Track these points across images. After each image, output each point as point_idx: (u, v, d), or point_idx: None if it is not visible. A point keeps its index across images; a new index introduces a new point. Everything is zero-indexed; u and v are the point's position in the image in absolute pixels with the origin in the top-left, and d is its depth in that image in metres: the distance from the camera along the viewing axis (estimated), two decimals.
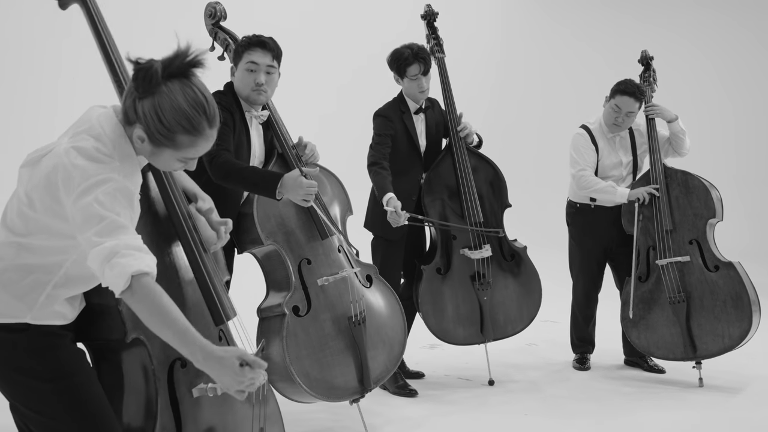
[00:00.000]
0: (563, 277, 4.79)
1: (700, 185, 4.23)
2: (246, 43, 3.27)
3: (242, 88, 3.27)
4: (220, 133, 3.03)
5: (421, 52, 3.97)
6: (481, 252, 4.08)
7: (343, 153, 5.90)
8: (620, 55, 9.16)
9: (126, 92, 1.90)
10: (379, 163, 3.92)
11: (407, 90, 4.04)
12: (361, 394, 3.33)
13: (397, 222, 3.77)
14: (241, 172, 3.10)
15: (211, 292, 2.23)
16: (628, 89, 4.28)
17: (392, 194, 3.80)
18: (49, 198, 1.83)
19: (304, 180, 3.08)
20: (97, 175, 1.79)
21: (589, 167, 4.35)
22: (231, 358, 1.78)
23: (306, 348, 3.17)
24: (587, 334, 4.62)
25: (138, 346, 2.03)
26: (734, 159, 9.45)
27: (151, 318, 1.78)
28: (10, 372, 1.91)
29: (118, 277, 1.75)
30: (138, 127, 1.87)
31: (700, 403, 3.98)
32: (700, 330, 4.15)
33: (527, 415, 3.82)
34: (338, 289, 3.32)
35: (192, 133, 1.86)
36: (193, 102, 1.85)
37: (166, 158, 1.91)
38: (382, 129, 4.00)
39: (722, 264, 4.15)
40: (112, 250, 1.75)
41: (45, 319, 1.91)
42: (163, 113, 1.83)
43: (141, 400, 2.05)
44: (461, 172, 4.12)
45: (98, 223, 1.76)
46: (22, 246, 1.88)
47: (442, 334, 4.14)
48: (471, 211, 4.10)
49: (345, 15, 8.06)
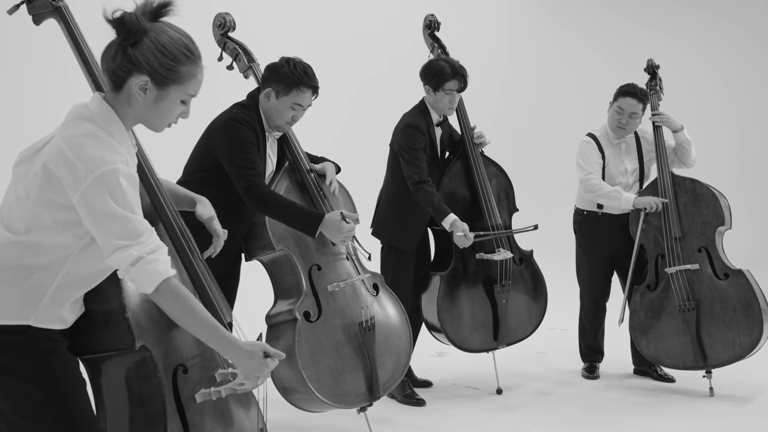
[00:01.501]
0: (571, 285, 4.77)
1: (709, 193, 4.21)
2: (299, 80, 3.17)
3: (276, 118, 3.23)
4: (249, 156, 3.13)
5: (461, 69, 3.97)
6: (502, 254, 4.08)
7: (353, 162, 5.91)
8: (627, 61, 9.17)
9: (107, 55, 1.89)
10: (426, 180, 3.87)
11: (436, 103, 3.99)
12: (370, 401, 3.33)
13: (465, 244, 3.82)
14: (283, 208, 3.11)
15: (209, 295, 2.21)
16: (630, 90, 4.31)
17: (454, 216, 3.81)
18: (49, 189, 1.82)
19: (345, 224, 3.13)
20: (103, 165, 1.79)
21: (595, 172, 4.33)
22: (258, 351, 1.96)
23: (317, 354, 3.17)
24: (596, 342, 4.59)
25: (143, 354, 2.00)
26: (738, 166, 9.42)
27: (183, 316, 1.90)
28: (3, 375, 1.88)
29: (146, 283, 1.85)
30: (137, 77, 1.87)
31: (710, 412, 3.95)
32: (710, 338, 4.12)
33: (535, 424, 3.79)
34: (348, 296, 3.32)
35: (193, 62, 1.91)
36: (183, 34, 1.92)
37: (171, 100, 1.92)
38: (417, 143, 3.93)
39: (732, 272, 4.12)
40: (137, 257, 1.81)
41: (47, 322, 1.89)
42: (164, 46, 1.87)
43: (148, 410, 2.02)
44: (479, 177, 4.13)
45: (117, 224, 1.80)
46: (22, 245, 1.86)
47: (460, 342, 4.11)
48: (491, 215, 4.11)
49: (353, 27, 8.09)
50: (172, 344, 2.09)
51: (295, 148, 3.38)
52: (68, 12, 2.39)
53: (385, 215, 4.09)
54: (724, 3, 9.74)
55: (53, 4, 2.39)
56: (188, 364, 2.10)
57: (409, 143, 3.93)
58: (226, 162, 3.13)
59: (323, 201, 3.35)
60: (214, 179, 3.13)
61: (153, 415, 2.02)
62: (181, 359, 2.08)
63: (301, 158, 3.37)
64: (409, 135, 3.95)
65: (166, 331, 2.07)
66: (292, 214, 3.11)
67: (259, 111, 3.26)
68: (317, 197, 3.34)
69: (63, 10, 2.38)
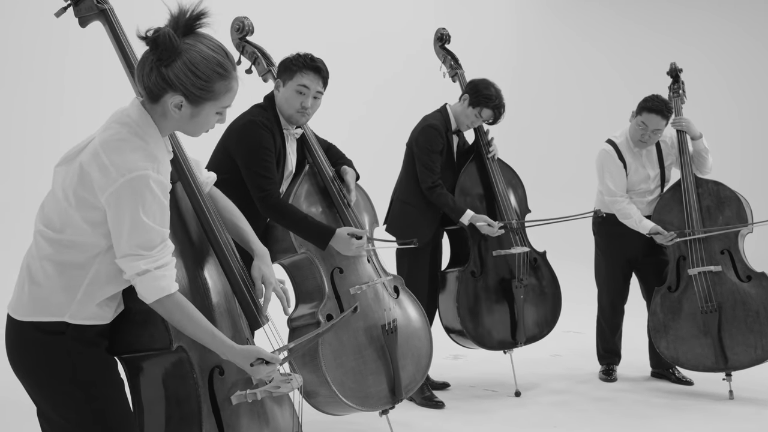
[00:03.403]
0: (584, 288, 4.76)
1: (733, 196, 4.22)
2: (300, 63, 3.19)
3: (286, 107, 3.22)
4: (265, 164, 3.13)
5: (502, 107, 4.05)
6: (519, 248, 4.14)
7: (366, 160, 5.92)
8: (633, 64, 9.20)
9: (142, 71, 1.89)
10: (438, 183, 4.01)
11: (462, 115, 4.09)
12: (392, 404, 3.31)
13: (492, 233, 3.99)
14: (297, 222, 3.12)
15: (248, 299, 2.22)
16: (656, 107, 4.19)
17: (471, 211, 3.98)
18: (82, 189, 1.85)
19: (354, 241, 3.13)
20: (135, 170, 1.81)
21: (620, 192, 4.31)
22: (251, 356, 2.00)
23: (341, 356, 3.15)
24: (614, 345, 4.57)
25: (180, 355, 2.00)
26: (740, 167, 9.39)
27: (185, 324, 1.92)
28: (45, 375, 1.90)
29: (149, 294, 1.88)
30: (172, 96, 1.88)
31: (730, 415, 3.93)
32: (731, 341, 4.10)
33: (557, 427, 3.77)
34: (369, 298, 3.30)
35: (226, 78, 1.91)
36: (216, 48, 1.90)
37: (206, 114, 1.94)
38: (435, 145, 4.03)
39: (754, 274, 4.11)
40: (145, 270, 1.85)
41: (83, 318, 1.90)
42: (197, 67, 1.86)
43: (184, 411, 2.01)
44: (493, 175, 4.19)
45: (136, 231, 1.83)
46: (57, 242, 1.89)
47: (479, 340, 4.12)
48: (506, 211, 4.15)
49: (367, 31, 8.11)
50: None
51: (316, 152, 3.36)
52: (113, 14, 2.40)
53: (399, 213, 4.14)
54: (728, 5, 9.75)
55: (99, 6, 2.40)
56: (225, 365, 2.09)
57: (427, 144, 4.01)
58: (242, 167, 3.14)
59: (346, 208, 3.33)
60: (234, 182, 3.11)
61: (188, 415, 2.02)
62: (217, 361, 2.07)
63: (322, 163, 3.35)
64: (429, 135, 4.03)
65: None
66: (305, 227, 3.13)
67: (276, 110, 3.25)
68: (339, 203, 3.32)
69: (108, 13, 2.39)
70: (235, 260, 2.21)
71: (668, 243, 4.21)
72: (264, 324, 2.24)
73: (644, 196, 4.38)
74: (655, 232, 4.22)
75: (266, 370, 2.01)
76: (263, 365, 1.99)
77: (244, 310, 2.21)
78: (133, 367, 2.05)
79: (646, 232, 4.25)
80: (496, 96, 4.01)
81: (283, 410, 2.27)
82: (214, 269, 2.18)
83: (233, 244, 2.25)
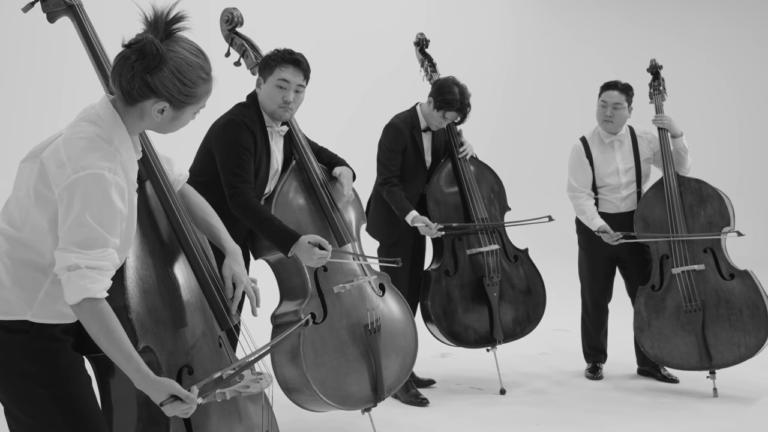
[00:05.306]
0: (572, 287, 4.76)
1: (715, 194, 4.21)
2: (279, 58, 3.17)
3: (268, 103, 3.20)
4: (240, 162, 3.08)
5: (467, 106, 4.05)
6: (487, 246, 4.18)
7: (357, 162, 5.92)
8: (629, 64, 9.17)
9: (120, 75, 1.86)
10: (390, 180, 4.02)
11: (430, 116, 4.10)
12: (374, 402, 3.31)
13: (430, 234, 3.96)
14: (261, 222, 3.05)
15: (217, 298, 2.21)
16: (611, 83, 4.41)
17: (414, 212, 3.96)
18: (41, 184, 1.84)
19: (317, 251, 3.02)
20: (89, 167, 1.79)
21: (581, 188, 4.41)
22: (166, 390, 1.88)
23: (322, 355, 3.15)
24: (598, 343, 4.58)
25: (148, 355, 1.99)
26: (739, 167, 9.40)
27: (100, 337, 1.83)
28: (9, 374, 1.89)
29: (72, 293, 1.80)
30: (155, 102, 1.87)
31: (714, 413, 3.93)
32: (715, 339, 4.10)
33: (539, 425, 3.78)
34: (354, 297, 3.30)
35: (208, 81, 1.92)
36: (197, 52, 1.90)
37: (186, 116, 1.95)
38: (393, 144, 4.06)
39: (737, 272, 4.11)
40: (75, 265, 1.78)
41: (46, 317, 1.90)
42: (183, 74, 1.86)
43: (153, 410, 2.01)
44: (463, 173, 4.21)
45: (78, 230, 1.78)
46: (16, 240, 1.89)
47: (454, 337, 4.14)
48: (476, 209, 4.18)
49: (355, 29, 8.10)
50: (178, 345, 2.08)
51: (303, 149, 3.35)
52: (82, 10, 2.39)
53: (374, 211, 4.17)
54: (726, 5, 9.74)
55: (66, 2, 2.39)
56: (194, 365, 2.09)
57: (386, 142, 4.08)
58: (219, 165, 3.12)
59: (330, 205, 3.32)
60: (217, 183, 3.11)
61: (157, 414, 2.01)
62: (186, 360, 2.07)
63: (309, 159, 3.35)
64: (388, 134, 4.10)
65: (172, 332, 2.07)
66: (268, 230, 3.06)
67: (260, 108, 3.24)
68: (325, 202, 3.32)
69: (76, 8, 2.39)
70: (204, 259, 2.21)
71: (614, 243, 4.25)
72: (233, 323, 2.23)
73: (617, 192, 4.40)
74: (603, 230, 4.27)
75: (180, 408, 1.88)
76: (177, 402, 1.87)
77: (213, 309, 2.21)
78: (102, 367, 2.04)
79: (595, 230, 4.30)
80: (460, 98, 3.99)
81: (257, 407, 2.27)
82: (185, 267, 2.18)
83: (204, 242, 2.25)
